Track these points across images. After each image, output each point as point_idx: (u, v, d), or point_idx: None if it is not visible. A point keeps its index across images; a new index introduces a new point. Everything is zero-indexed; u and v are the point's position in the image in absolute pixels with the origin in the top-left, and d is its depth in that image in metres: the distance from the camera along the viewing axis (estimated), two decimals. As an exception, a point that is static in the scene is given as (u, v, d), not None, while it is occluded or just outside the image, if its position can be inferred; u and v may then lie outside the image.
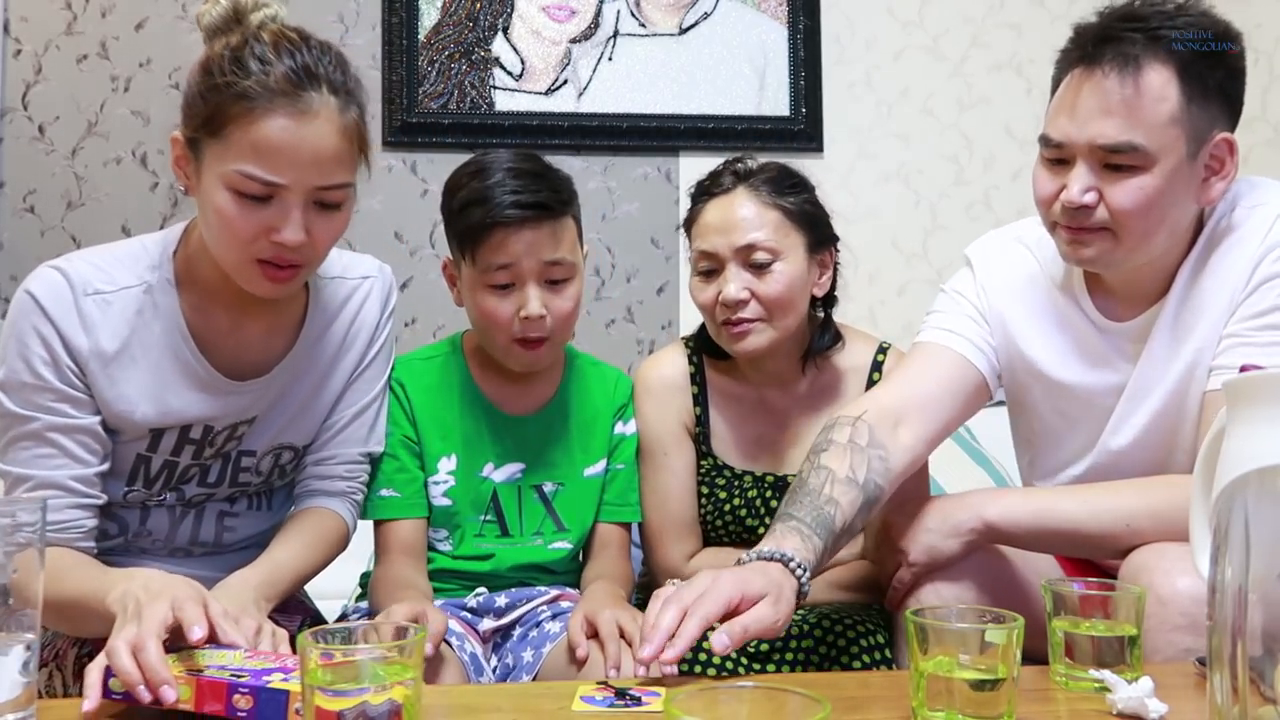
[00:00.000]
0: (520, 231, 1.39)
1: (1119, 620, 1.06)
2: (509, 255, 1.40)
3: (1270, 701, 0.76)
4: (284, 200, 1.17)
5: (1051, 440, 1.49)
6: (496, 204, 1.39)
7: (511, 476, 1.52)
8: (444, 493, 1.50)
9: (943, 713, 0.92)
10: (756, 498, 1.58)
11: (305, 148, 1.16)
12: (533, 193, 1.40)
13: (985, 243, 1.55)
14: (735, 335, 1.52)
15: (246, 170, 1.15)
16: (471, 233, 1.41)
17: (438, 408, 1.51)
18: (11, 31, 2.49)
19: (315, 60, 1.19)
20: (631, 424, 1.60)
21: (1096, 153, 1.27)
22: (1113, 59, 1.26)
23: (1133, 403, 1.39)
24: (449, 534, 1.51)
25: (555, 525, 1.53)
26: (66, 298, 1.22)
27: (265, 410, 1.35)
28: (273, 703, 0.91)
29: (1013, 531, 1.34)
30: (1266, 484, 0.81)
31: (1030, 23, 2.75)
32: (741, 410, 1.62)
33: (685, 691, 0.78)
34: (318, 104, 1.17)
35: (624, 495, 1.58)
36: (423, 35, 2.59)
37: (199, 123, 1.18)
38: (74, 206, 2.50)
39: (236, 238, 1.19)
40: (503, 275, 1.41)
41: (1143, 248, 1.31)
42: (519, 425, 1.53)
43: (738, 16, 2.69)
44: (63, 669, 1.27)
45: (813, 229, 1.55)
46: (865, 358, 1.62)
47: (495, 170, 1.42)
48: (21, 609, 0.89)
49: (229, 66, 1.16)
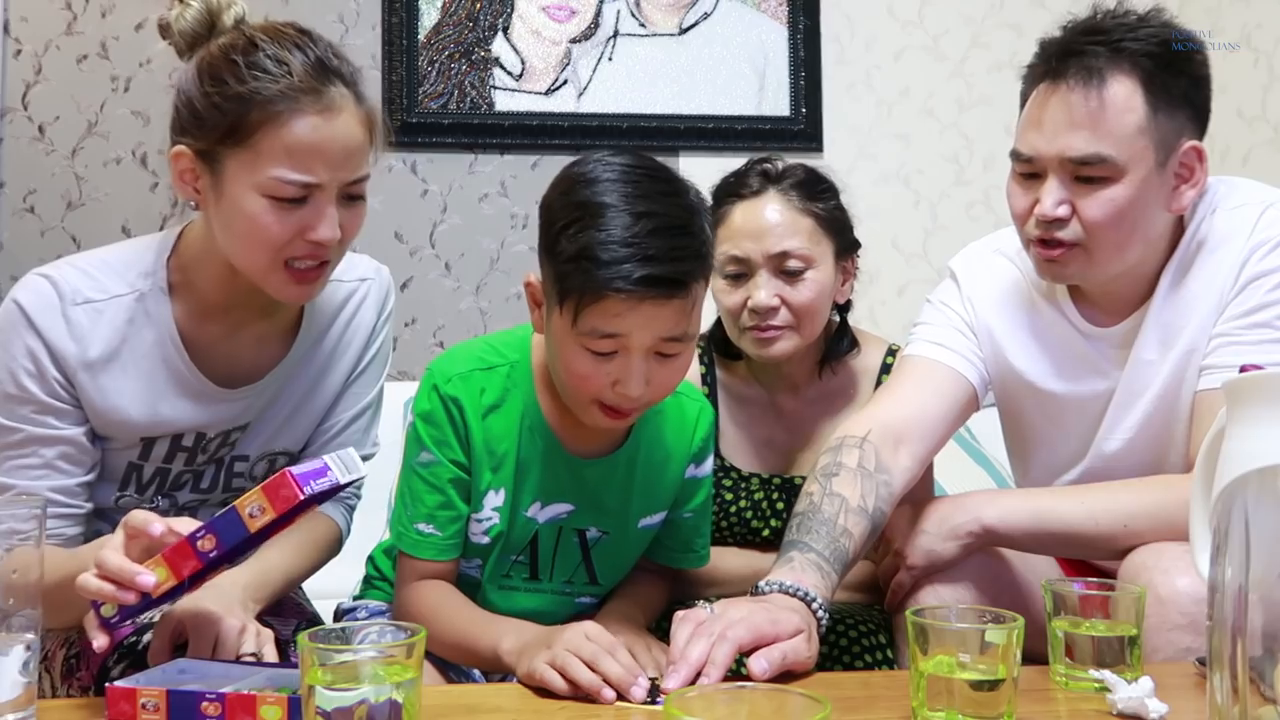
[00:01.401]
0: (641, 305, 1.09)
1: (1119, 620, 1.06)
2: (621, 328, 1.11)
3: (1270, 701, 0.76)
4: (318, 199, 1.17)
5: (1044, 447, 1.50)
6: (620, 272, 1.08)
7: (556, 517, 1.30)
8: (485, 531, 1.28)
9: (943, 713, 0.92)
10: (763, 500, 1.58)
11: (336, 144, 1.16)
12: (671, 263, 1.09)
13: (967, 255, 1.56)
14: (762, 341, 1.49)
15: (283, 175, 1.14)
16: (577, 293, 1.11)
17: (494, 433, 1.27)
18: (11, 31, 2.49)
19: (325, 54, 1.17)
20: (707, 464, 1.39)
21: (1067, 165, 1.28)
22: (1077, 72, 1.27)
23: (1122, 408, 1.39)
24: (482, 564, 1.32)
25: (588, 577, 1.34)
26: (55, 307, 1.20)
27: (258, 416, 1.34)
28: (229, 525, 0.98)
29: (1011, 534, 1.34)
30: (1266, 484, 0.81)
31: (1030, 23, 2.75)
32: (752, 413, 1.61)
33: (685, 691, 0.78)
34: (339, 99, 1.16)
35: (688, 543, 1.41)
36: (423, 35, 2.59)
37: (220, 134, 1.15)
38: (74, 206, 2.50)
39: (271, 243, 1.17)
40: (607, 344, 1.13)
41: (1117, 259, 1.32)
42: (581, 467, 1.30)
43: (738, 16, 2.69)
44: (51, 670, 1.27)
45: (840, 235, 1.54)
46: (875, 359, 1.61)
47: (620, 211, 1.10)
48: (21, 609, 0.89)
49: (246, 72, 1.13)
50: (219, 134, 1.15)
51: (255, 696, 0.92)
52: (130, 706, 0.94)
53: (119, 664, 1.13)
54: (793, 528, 1.27)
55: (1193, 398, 1.33)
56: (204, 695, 0.93)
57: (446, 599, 1.26)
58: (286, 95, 1.13)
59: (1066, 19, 1.37)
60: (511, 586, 1.33)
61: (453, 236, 2.58)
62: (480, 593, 1.32)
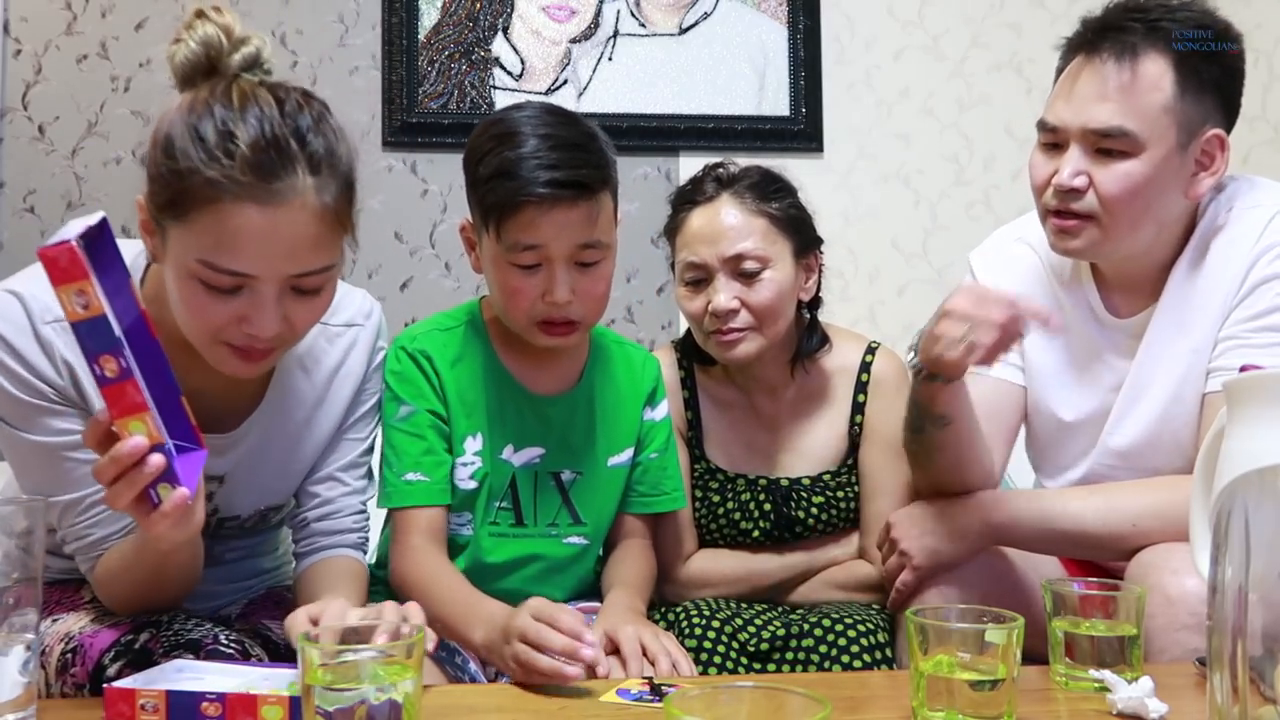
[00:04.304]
0: (552, 212, 1.26)
1: (1119, 620, 1.06)
2: (538, 236, 1.27)
3: (1270, 701, 0.76)
4: (256, 290, 1.06)
5: (1054, 441, 1.50)
6: (528, 180, 1.25)
7: (530, 461, 1.42)
8: (471, 475, 1.39)
9: (943, 713, 0.92)
10: (750, 501, 1.58)
11: (278, 238, 1.04)
12: (571, 169, 1.26)
13: (986, 246, 1.56)
14: (725, 344, 1.50)
15: (211, 262, 1.04)
16: (498, 208, 1.27)
17: (463, 383, 1.40)
18: (11, 31, 2.49)
19: (291, 131, 1.05)
20: (662, 408, 1.52)
21: (1089, 136, 1.30)
22: (1112, 46, 1.29)
23: (1129, 401, 1.39)
24: (472, 518, 1.40)
25: (571, 517, 1.44)
26: (26, 330, 1.12)
27: (235, 471, 1.26)
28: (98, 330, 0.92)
29: (1018, 534, 1.34)
30: (1266, 484, 0.81)
31: (1030, 23, 2.75)
32: (733, 415, 1.62)
33: (685, 691, 0.78)
34: (292, 190, 1.04)
35: (657, 484, 1.50)
36: (423, 35, 2.59)
37: (161, 203, 1.06)
38: (74, 206, 2.50)
39: (204, 326, 1.08)
40: (529, 256, 1.29)
41: (1129, 237, 1.32)
42: (544, 406, 1.43)
43: (738, 16, 2.68)
44: (46, 666, 1.24)
45: (798, 233, 1.54)
46: (853, 357, 1.61)
47: (528, 136, 1.27)
48: (21, 609, 0.89)
49: (192, 148, 1.03)
50: (160, 203, 1.06)
51: (256, 697, 0.92)
52: (129, 708, 0.94)
53: (115, 663, 1.11)
54: None
55: (1201, 400, 1.33)
56: (204, 695, 0.93)
57: (438, 574, 1.32)
58: (226, 183, 1.02)
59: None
60: (501, 534, 1.41)
61: (453, 236, 2.57)
62: (475, 546, 1.40)
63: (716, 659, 1.37)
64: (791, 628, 1.42)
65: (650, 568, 1.49)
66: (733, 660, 1.38)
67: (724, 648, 1.38)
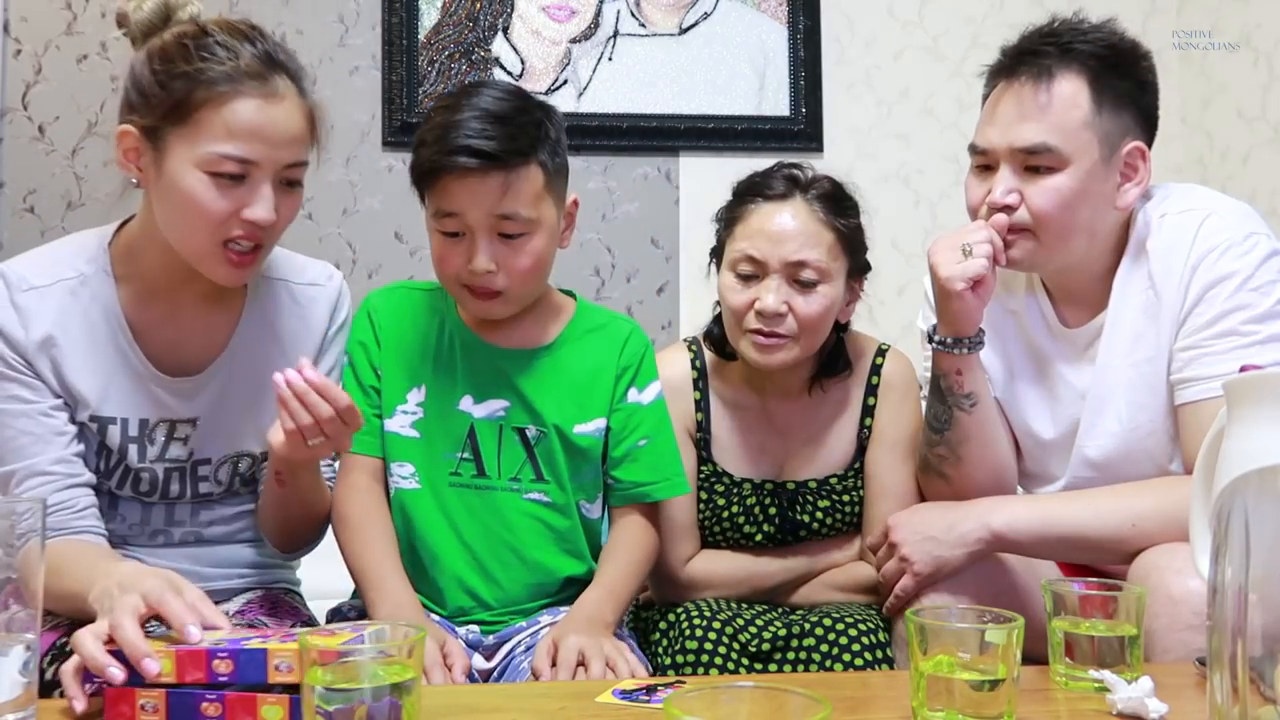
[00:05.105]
0: (465, 180, 1.30)
1: (1119, 620, 1.06)
2: (454, 204, 1.32)
3: (1270, 701, 0.76)
4: (255, 179, 1.22)
5: (1031, 456, 1.54)
6: (447, 148, 1.30)
7: (493, 414, 1.42)
8: (412, 424, 1.42)
9: (943, 713, 0.92)
10: (755, 505, 1.58)
11: (276, 127, 1.22)
12: (487, 139, 1.29)
13: None
14: (762, 347, 1.48)
15: (222, 151, 1.19)
16: (419, 173, 1.35)
17: (410, 336, 1.44)
18: (11, 31, 2.49)
19: (274, 48, 1.25)
20: (650, 391, 1.48)
21: (1017, 155, 1.37)
22: (1029, 70, 1.38)
23: (1094, 412, 1.43)
24: (415, 470, 1.41)
25: (534, 473, 1.42)
26: (4, 297, 1.26)
27: (207, 413, 1.35)
28: (253, 662, 0.92)
29: (1019, 539, 1.34)
30: (1266, 484, 0.81)
31: (1030, 23, 2.75)
32: (745, 418, 1.60)
33: (685, 691, 0.78)
34: (283, 88, 1.24)
35: (656, 471, 1.45)
36: (423, 35, 2.59)
37: (164, 111, 1.20)
38: (74, 206, 2.50)
39: (208, 220, 1.22)
40: (451, 223, 1.33)
41: (1062, 247, 1.38)
42: (502, 358, 1.43)
43: (738, 16, 2.68)
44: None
45: (855, 255, 1.53)
46: (865, 361, 1.61)
47: (465, 107, 1.33)
48: (21, 609, 0.89)
49: (195, 54, 1.20)
50: (164, 110, 1.21)
51: (256, 697, 0.92)
52: (129, 708, 0.94)
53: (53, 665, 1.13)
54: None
55: (1176, 412, 1.35)
56: (204, 695, 0.93)
57: (369, 515, 1.39)
58: (231, 77, 1.20)
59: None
60: (463, 484, 1.42)
61: (453, 236, 2.58)
62: (438, 497, 1.41)
63: (717, 659, 1.37)
64: (792, 628, 1.42)
65: (644, 552, 1.45)
66: (733, 661, 1.38)
67: (724, 648, 1.38)
